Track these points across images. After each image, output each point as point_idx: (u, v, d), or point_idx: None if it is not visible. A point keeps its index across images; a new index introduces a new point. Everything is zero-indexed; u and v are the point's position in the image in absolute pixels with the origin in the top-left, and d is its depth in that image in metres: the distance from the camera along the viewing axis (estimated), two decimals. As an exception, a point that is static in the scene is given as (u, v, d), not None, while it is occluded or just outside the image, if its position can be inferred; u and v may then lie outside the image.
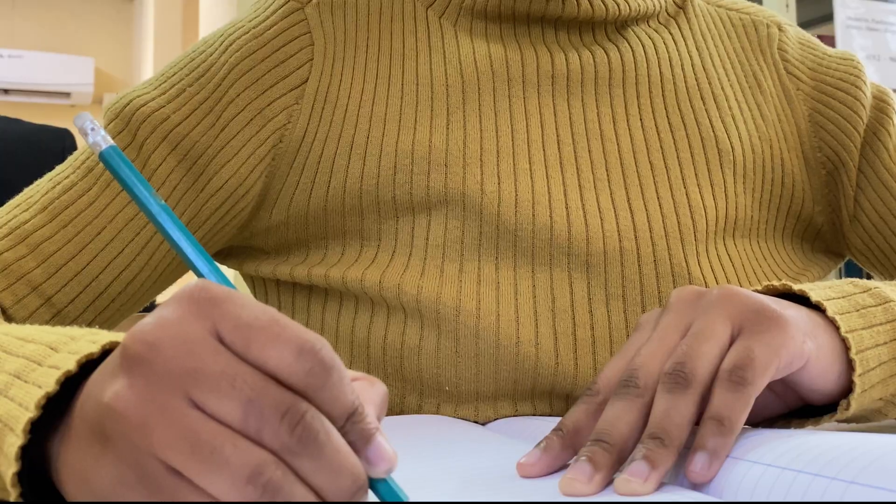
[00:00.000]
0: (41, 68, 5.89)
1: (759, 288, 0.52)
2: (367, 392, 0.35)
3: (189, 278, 0.48)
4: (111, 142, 0.40)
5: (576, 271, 0.63)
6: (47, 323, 0.63)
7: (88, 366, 0.36)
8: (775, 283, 0.52)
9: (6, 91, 5.81)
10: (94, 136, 0.39)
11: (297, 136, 0.66)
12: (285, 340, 0.32)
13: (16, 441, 0.34)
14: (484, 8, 0.69)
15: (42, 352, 0.38)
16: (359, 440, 0.32)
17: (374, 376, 0.37)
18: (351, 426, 0.32)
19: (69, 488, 0.34)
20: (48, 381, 0.36)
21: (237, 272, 0.76)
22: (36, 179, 0.68)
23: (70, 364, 0.36)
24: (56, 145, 1.70)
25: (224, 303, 0.33)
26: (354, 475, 0.32)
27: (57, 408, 0.36)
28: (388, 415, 0.65)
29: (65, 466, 0.34)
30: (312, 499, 0.31)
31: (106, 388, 0.32)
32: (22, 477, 0.35)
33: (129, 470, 0.32)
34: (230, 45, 0.67)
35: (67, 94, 6.01)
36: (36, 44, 6.01)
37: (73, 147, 2.39)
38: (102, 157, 0.39)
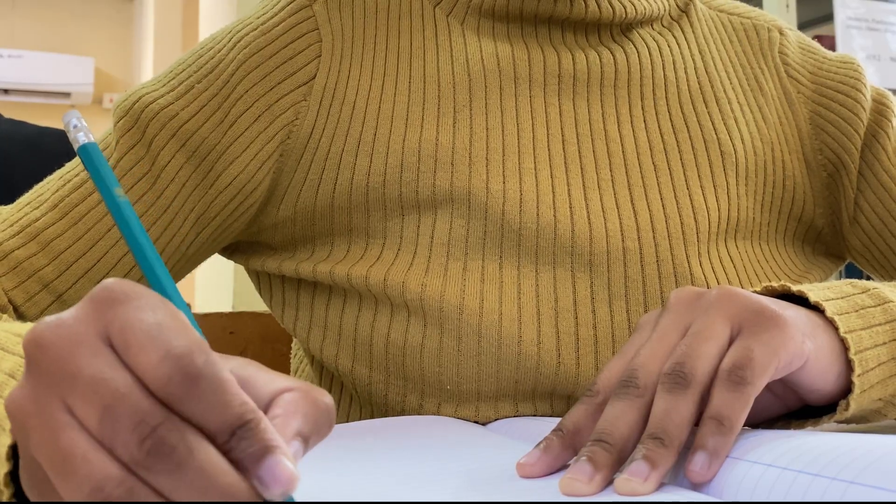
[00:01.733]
0: (41, 68, 5.89)
1: (758, 289, 0.52)
2: (294, 406, 0.32)
3: (204, 273, 0.48)
4: (91, 139, 0.40)
5: (579, 271, 0.64)
6: None
7: None
8: (774, 283, 0.52)
9: (6, 91, 5.81)
10: (75, 132, 0.40)
11: (305, 132, 0.67)
12: (155, 345, 0.30)
13: (6, 440, 0.35)
14: (492, 7, 0.69)
15: None
16: (247, 457, 0.30)
17: (320, 388, 0.34)
18: (237, 442, 0.30)
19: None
20: None
21: (241, 268, 0.76)
22: (39, 182, 0.68)
23: None
24: (60, 148, 1.70)
25: (121, 304, 0.31)
26: (228, 495, 0.29)
27: None
28: (388, 415, 0.65)
29: None
30: None
31: (14, 388, 0.33)
32: (15, 477, 0.35)
33: (25, 471, 0.32)
34: (238, 41, 0.67)
35: (67, 94, 6.02)
36: (36, 44, 6.02)
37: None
38: (79, 152, 0.40)
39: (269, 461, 0.30)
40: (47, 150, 1.78)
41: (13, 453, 0.35)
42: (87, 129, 0.40)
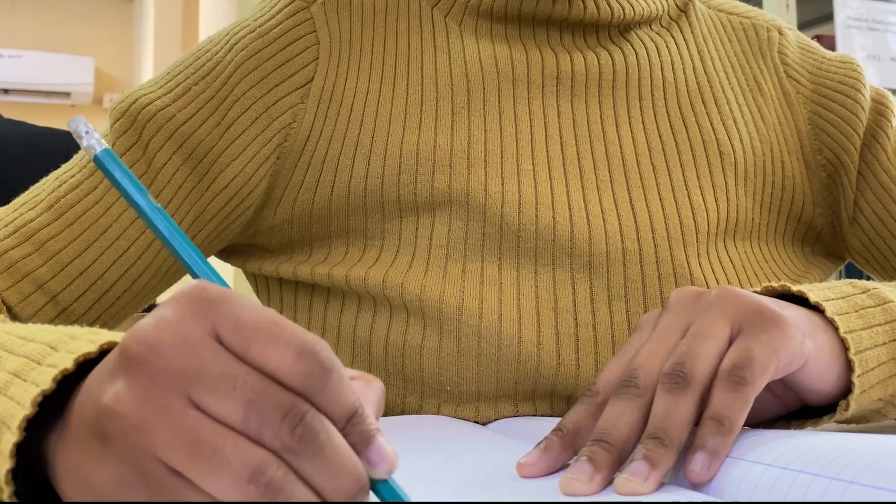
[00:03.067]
0: (41, 68, 5.88)
1: (758, 289, 0.52)
2: (365, 392, 0.35)
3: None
4: (105, 145, 0.40)
5: (578, 272, 0.64)
6: (52, 321, 0.63)
7: (87, 365, 0.36)
8: (774, 283, 0.52)
9: (6, 91, 5.81)
10: (88, 139, 0.40)
11: (303, 135, 0.66)
12: (285, 342, 0.32)
13: (11, 438, 0.34)
14: (490, 8, 0.69)
15: (42, 351, 0.38)
16: (360, 441, 0.32)
17: (371, 374, 0.37)
18: (352, 427, 0.32)
19: (66, 488, 0.34)
20: (45, 380, 0.36)
21: (239, 270, 0.76)
22: (38, 182, 0.68)
23: (68, 363, 0.36)
24: (60, 148, 1.70)
25: (223, 303, 0.33)
26: (355, 476, 0.32)
27: (55, 407, 0.36)
28: (388, 415, 0.65)
29: (62, 466, 0.34)
30: (313, 499, 0.31)
31: (105, 388, 0.32)
32: (17, 475, 0.35)
33: (129, 470, 0.32)
34: (235, 43, 0.67)
35: (67, 94, 6.01)
36: (36, 44, 6.01)
37: (78, 149, 2.38)
38: (97, 160, 0.39)
39: (377, 444, 0.32)
40: (47, 150, 1.78)
41: (16, 451, 0.35)
42: (100, 137, 0.40)
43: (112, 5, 6.30)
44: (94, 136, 0.40)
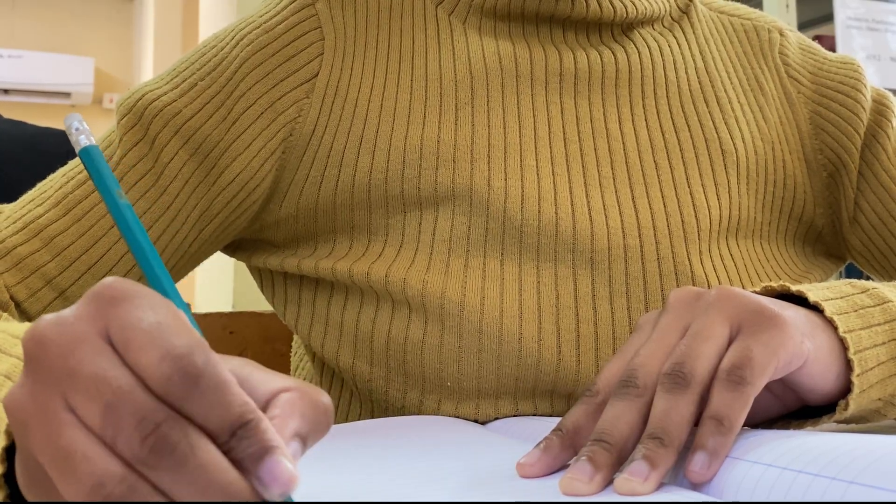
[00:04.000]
0: (41, 68, 5.89)
1: (758, 289, 0.52)
2: (292, 406, 0.32)
3: (204, 273, 0.48)
4: (93, 141, 0.40)
5: (580, 268, 0.64)
6: None
7: None
8: (773, 283, 0.52)
9: (6, 91, 5.82)
10: (77, 134, 0.40)
11: (308, 129, 0.67)
12: (156, 345, 0.30)
13: (1, 442, 0.35)
14: (493, 6, 0.70)
15: None
16: (247, 457, 0.30)
17: (316, 387, 0.34)
18: (237, 441, 0.30)
19: None
20: None
21: (243, 265, 0.76)
22: (39, 182, 0.68)
23: None
24: (60, 148, 1.70)
25: (121, 303, 0.32)
26: (228, 494, 0.29)
27: None
28: (389, 411, 0.65)
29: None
30: None
31: (13, 386, 0.32)
32: (10, 478, 0.35)
33: (24, 470, 0.32)
34: (241, 39, 0.68)
35: (67, 94, 6.02)
36: (36, 44, 6.02)
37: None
38: (81, 155, 0.40)
39: (269, 461, 0.30)
40: (47, 150, 1.78)
41: (8, 454, 0.35)
42: (89, 132, 0.40)
43: (112, 5, 6.30)
44: (83, 132, 0.40)
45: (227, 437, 0.30)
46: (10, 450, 0.35)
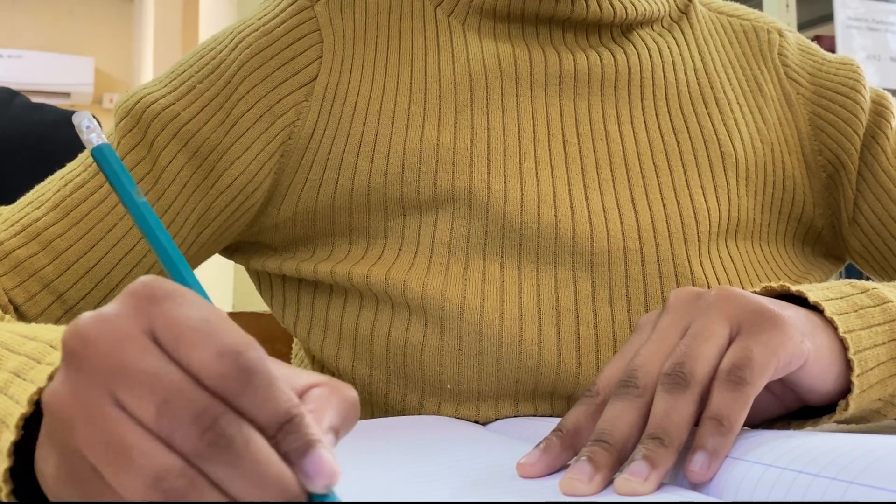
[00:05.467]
0: (41, 68, 5.89)
1: (757, 289, 0.52)
2: (326, 400, 0.33)
3: (204, 274, 0.48)
4: (104, 140, 0.40)
5: (580, 270, 0.64)
6: (59, 319, 0.63)
7: None
8: (773, 284, 0.52)
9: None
10: (88, 133, 0.40)
11: (307, 132, 0.67)
12: (209, 342, 0.31)
13: (9, 436, 0.35)
14: (493, 7, 0.70)
15: (42, 349, 0.38)
16: (293, 451, 0.30)
17: (343, 383, 0.35)
18: (284, 436, 0.31)
19: (42, 486, 0.34)
20: (42, 377, 0.36)
21: (242, 268, 0.76)
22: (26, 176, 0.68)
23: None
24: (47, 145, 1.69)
25: (164, 301, 0.32)
26: (280, 487, 0.30)
27: None
28: (389, 413, 0.65)
29: (37, 463, 0.34)
30: None
31: (52, 382, 0.32)
32: (16, 474, 0.35)
33: (63, 467, 0.32)
34: (240, 42, 0.68)
35: (67, 95, 6.02)
36: (36, 44, 6.02)
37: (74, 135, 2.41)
38: (94, 153, 0.40)
39: (314, 455, 0.30)
40: (34, 126, 1.77)
41: (14, 450, 0.35)
42: (100, 130, 0.40)
43: (112, 5, 6.31)
44: (94, 130, 0.40)
45: (275, 431, 0.31)
46: (18, 445, 0.35)
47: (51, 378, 0.36)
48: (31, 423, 0.35)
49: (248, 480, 0.30)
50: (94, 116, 0.41)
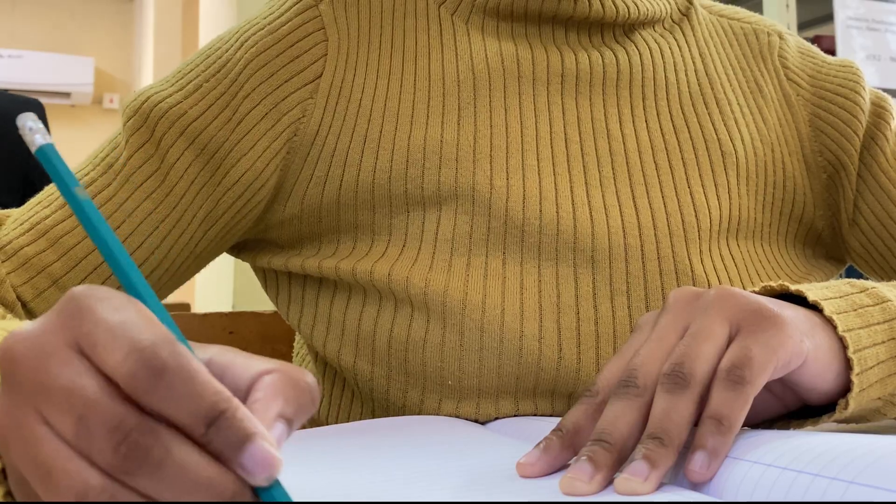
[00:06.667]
0: (41, 68, 5.89)
1: (757, 289, 0.52)
2: (275, 388, 0.32)
3: (204, 273, 0.48)
4: (49, 140, 0.40)
5: (581, 267, 0.64)
6: None
7: None
8: (773, 283, 0.52)
9: (6, 91, 5.81)
10: (31, 133, 0.40)
11: (312, 129, 0.67)
12: (119, 343, 0.30)
13: None
14: (496, 6, 0.70)
15: None
16: (227, 448, 0.29)
17: (299, 368, 0.34)
18: (215, 433, 0.29)
19: None
20: None
21: (247, 265, 0.77)
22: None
23: None
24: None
25: (88, 310, 0.31)
26: (216, 490, 0.29)
27: None
28: (390, 410, 0.66)
29: None
30: None
31: None
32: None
33: (12, 482, 0.32)
34: (245, 41, 0.68)
35: (67, 95, 6.02)
36: (36, 44, 6.02)
37: (42, 117, 2.45)
38: (37, 154, 0.40)
39: (250, 448, 0.29)
40: (10, 118, 1.79)
41: None
42: (45, 131, 0.40)
43: (112, 5, 6.31)
44: (38, 131, 0.40)
45: (204, 429, 0.29)
46: None
47: None
48: None
49: (175, 488, 0.29)
50: (38, 118, 0.41)
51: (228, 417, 0.29)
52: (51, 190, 0.67)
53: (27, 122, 0.40)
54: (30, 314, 0.63)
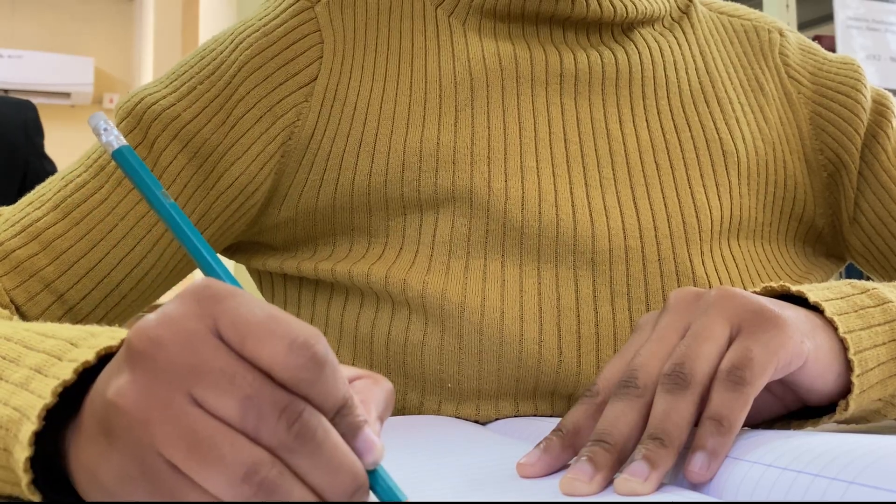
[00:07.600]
0: (41, 68, 5.89)
1: (758, 289, 0.52)
2: (369, 390, 0.36)
3: (198, 275, 0.48)
4: (124, 141, 0.40)
5: (581, 269, 0.64)
6: (59, 319, 0.64)
7: (108, 359, 0.36)
8: (773, 284, 0.52)
9: (6, 91, 5.81)
10: (106, 135, 0.40)
11: (307, 133, 0.67)
12: (278, 336, 0.32)
13: (31, 427, 0.35)
14: (493, 7, 0.70)
15: (62, 347, 0.39)
16: (347, 433, 0.33)
17: (380, 374, 0.38)
18: (340, 419, 0.32)
19: (79, 482, 0.35)
20: (66, 372, 0.36)
21: (244, 267, 0.76)
22: None
23: (89, 356, 0.36)
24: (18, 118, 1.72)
25: (225, 300, 0.33)
26: (354, 473, 0.32)
27: (74, 403, 0.36)
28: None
29: (75, 460, 0.35)
30: (311, 498, 0.31)
31: (111, 383, 0.33)
32: (35, 466, 0.35)
33: (133, 465, 0.32)
34: (240, 43, 0.68)
35: (67, 95, 6.02)
36: (36, 44, 6.02)
37: (36, 118, 2.45)
38: (115, 156, 0.40)
39: (365, 434, 0.33)
40: (3, 119, 1.80)
41: (35, 440, 0.35)
42: (118, 132, 0.40)
43: (112, 5, 6.31)
44: (112, 132, 0.40)
45: (333, 414, 0.32)
46: (39, 437, 0.35)
47: (77, 372, 0.36)
48: (51, 418, 0.36)
49: (327, 470, 0.31)
50: (108, 118, 0.41)
51: (350, 406, 0.33)
52: (42, 190, 0.66)
53: (100, 123, 0.40)
54: (23, 318, 0.63)
